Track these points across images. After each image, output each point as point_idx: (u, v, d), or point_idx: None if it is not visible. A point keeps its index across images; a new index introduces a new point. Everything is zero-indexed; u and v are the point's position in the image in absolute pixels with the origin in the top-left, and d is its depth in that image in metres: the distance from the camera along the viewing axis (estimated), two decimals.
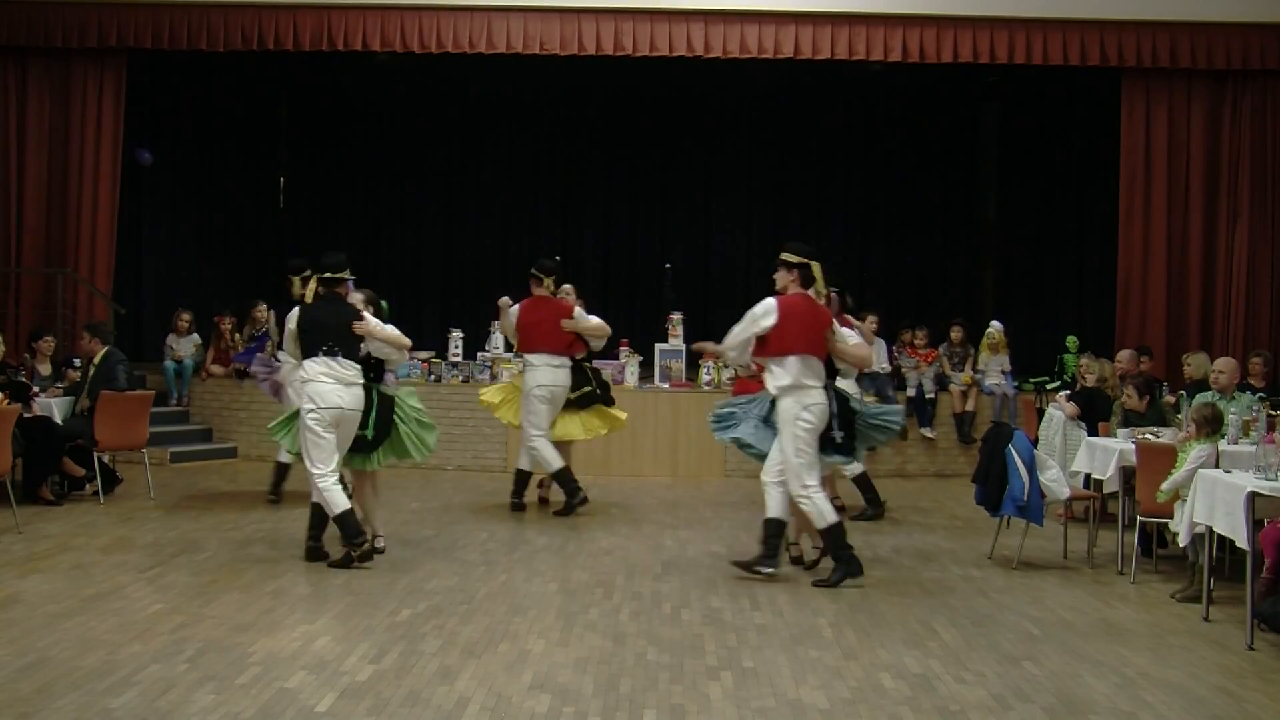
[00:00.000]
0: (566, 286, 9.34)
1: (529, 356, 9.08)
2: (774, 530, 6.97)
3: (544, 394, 8.99)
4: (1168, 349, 11.90)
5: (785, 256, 7.08)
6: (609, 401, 9.49)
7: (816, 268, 7.04)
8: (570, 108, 15.50)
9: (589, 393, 9.28)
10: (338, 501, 7.03)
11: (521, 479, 9.28)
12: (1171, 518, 6.73)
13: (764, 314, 6.92)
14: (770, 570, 6.93)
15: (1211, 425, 6.70)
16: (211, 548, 7.54)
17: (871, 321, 10.02)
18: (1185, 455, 6.69)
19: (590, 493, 9.58)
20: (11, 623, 5.70)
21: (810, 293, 7.04)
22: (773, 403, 6.97)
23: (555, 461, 9.03)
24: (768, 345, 6.92)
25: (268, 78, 14.69)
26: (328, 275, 7.26)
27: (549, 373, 9.00)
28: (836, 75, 13.56)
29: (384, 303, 7.90)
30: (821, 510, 6.88)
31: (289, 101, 15.67)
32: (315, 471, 7.05)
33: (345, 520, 7.02)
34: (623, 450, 11.29)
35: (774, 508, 6.93)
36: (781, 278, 7.04)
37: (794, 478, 6.86)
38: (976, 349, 12.07)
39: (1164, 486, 6.69)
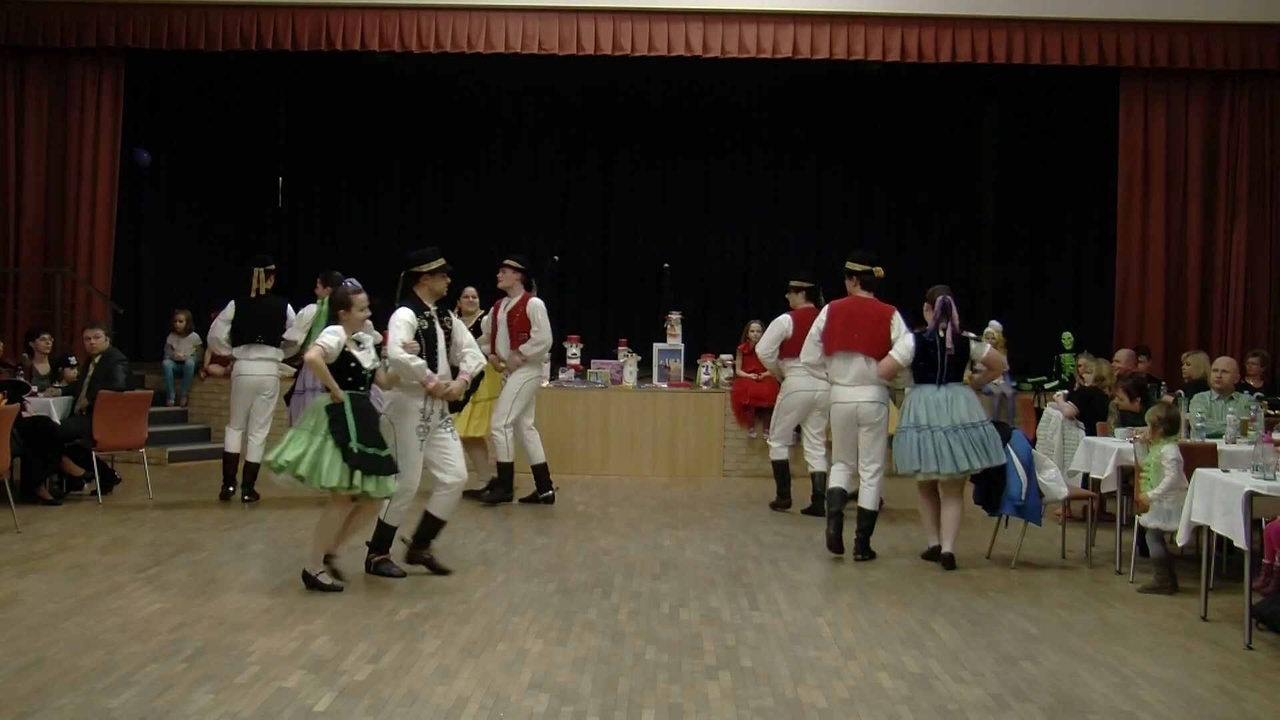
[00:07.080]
0: (469, 290, 9.59)
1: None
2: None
3: None
4: (1166, 349, 11.90)
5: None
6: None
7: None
8: (570, 107, 15.50)
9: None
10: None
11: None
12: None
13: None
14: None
15: (1168, 425, 6.86)
16: (210, 548, 7.54)
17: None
18: (1150, 458, 6.84)
19: (589, 492, 9.64)
20: (10, 622, 5.70)
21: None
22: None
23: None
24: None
25: (267, 78, 14.71)
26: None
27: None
28: (836, 75, 13.56)
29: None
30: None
31: (288, 101, 15.69)
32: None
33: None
34: (621, 450, 11.29)
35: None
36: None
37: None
38: None
39: (1152, 494, 6.75)
